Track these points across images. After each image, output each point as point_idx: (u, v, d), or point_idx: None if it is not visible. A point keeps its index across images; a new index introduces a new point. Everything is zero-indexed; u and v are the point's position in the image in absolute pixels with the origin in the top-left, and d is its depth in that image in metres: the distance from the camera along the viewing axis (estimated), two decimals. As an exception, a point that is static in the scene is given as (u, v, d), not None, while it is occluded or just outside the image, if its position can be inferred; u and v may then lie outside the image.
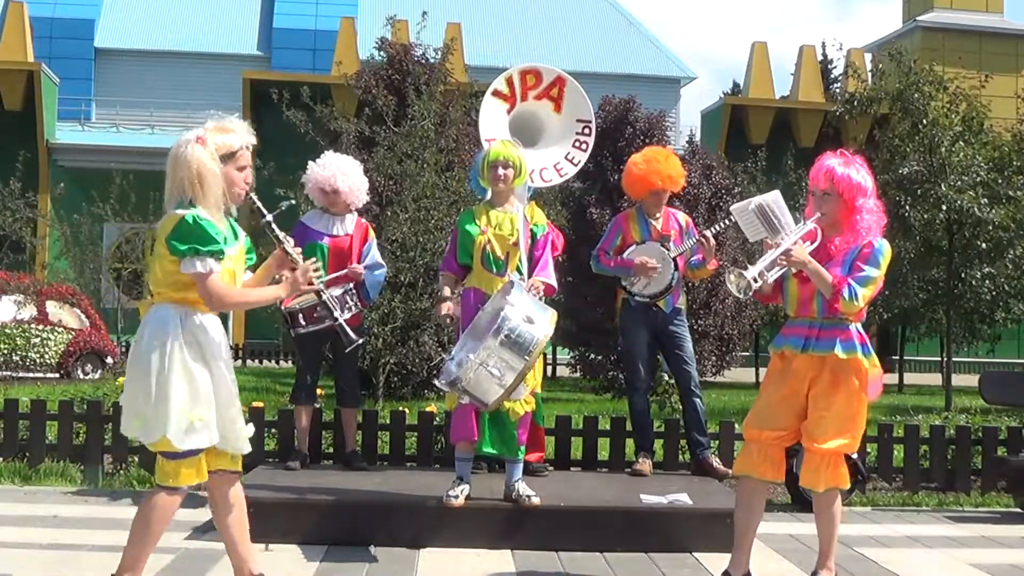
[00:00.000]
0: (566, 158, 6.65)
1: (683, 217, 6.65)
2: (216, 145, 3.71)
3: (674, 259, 6.39)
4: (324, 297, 3.87)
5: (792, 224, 4.20)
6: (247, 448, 3.84)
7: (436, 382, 4.72)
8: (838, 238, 4.21)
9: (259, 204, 3.92)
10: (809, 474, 4.21)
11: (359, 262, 6.30)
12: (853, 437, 4.20)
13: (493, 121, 6.47)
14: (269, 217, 3.87)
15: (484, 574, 4.71)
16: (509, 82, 6.55)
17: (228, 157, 3.74)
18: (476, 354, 4.35)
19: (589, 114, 6.73)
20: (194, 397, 3.62)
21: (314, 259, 4.06)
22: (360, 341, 3.82)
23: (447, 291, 5.41)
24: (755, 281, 4.04)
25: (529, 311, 4.45)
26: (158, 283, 3.71)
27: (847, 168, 4.19)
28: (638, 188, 6.47)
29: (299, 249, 3.99)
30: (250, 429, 3.84)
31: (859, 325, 4.24)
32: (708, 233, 6.31)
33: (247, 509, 3.88)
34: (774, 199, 4.30)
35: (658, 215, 6.51)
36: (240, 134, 3.80)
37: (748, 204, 4.27)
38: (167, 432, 3.58)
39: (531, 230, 5.33)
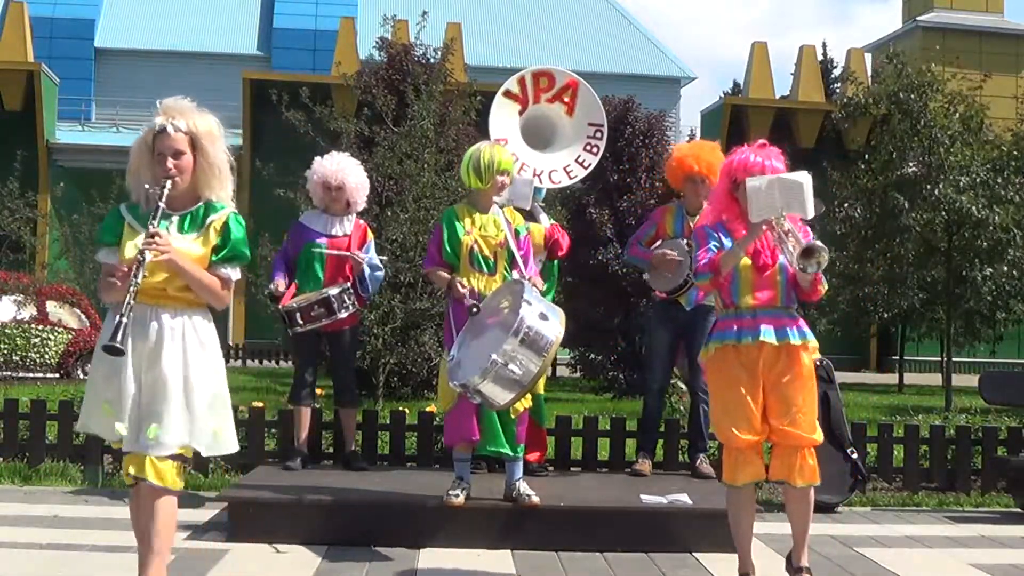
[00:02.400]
0: (576, 160, 6.65)
1: None
2: (146, 129, 3.61)
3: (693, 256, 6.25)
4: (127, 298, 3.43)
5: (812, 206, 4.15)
6: (148, 450, 3.49)
7: (451, 384, 4.68)
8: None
9: (163, 192, 3.54)
10: (807, 467, 4.17)
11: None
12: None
13: (504, 121, 6.49)
14: (160, 203, 3.52)
15: (484, 574, 4.71)
16: (521, 83, 6.55)
17: (153, 142, 3.59)
18: (497, 354, 4.33)
19: (601, 118, 6.72)
20: (90, 386, 3.61)
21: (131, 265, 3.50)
22: (118, 348, 3.39)
23: (444, 274, 5.27)
24: (819, 250, 4.00)
25: (542, 311, 4.46)
26: None
27: (779, 161, 4.22)
28: (676, 173, 6.31)
29: (153, 246, 3.46)
30: (118, 427, 3.51)
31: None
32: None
33: (247, 509, 3.85)
34: (808, 177, 4.16)
35: (695, 211, 6.28)
36: (167, 115, 3.58)
37: (777, 180, 4.09)
38: (86, 424, 3.67)
39: (515, 231, 5.33)
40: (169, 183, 3.54)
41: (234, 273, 3.70)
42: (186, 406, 3.54)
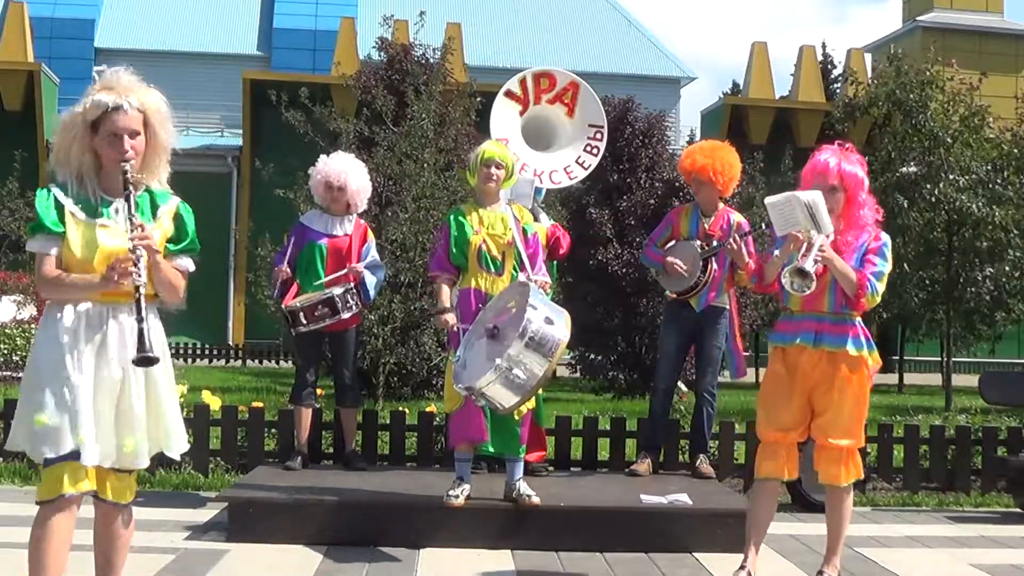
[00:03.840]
0: (576, 161, 6.70)
1: (736, 217, 6.41)
2: (88, 105, 3.25)
3: (704, 259, 6.25)
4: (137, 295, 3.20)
5: (829, 222, 4.18)
6: (132, 464, 3.32)
7: (456, 387, 4.68)
8: (847, 233, 4.26)
9: (128, 177, 3.29)
10: (830, 468, 4.25)
11: (358, 263, 6.31)
12: (862, 431, 4.32)
13: (505, 121, 6.54)
14: (129, 189, 3.28)
15: (484, 574, 4.71)
16: (523, 84, 6.60)
17: (100, 120, 3.25)
18: (502, 358, 4.33)
19: (602, 119, 6.77)
20: (42, 396, 3.15)
21: (135, 256, 3.25)
22: (152, 357, 3.18)
23: (445, 297, 5.29)
24: (813, 276, 4.04)
25: (548, 313, 4.46)
26: None
27: (851, 164, 4.28)
28: (683, 175, 6.54)
29: (146, 241, 3.24)
30: (137, 450, 3.29)
31: (861, 320, 4.29)
32: (731, 242, 6.15)
33: (247, 509, 3.83)
34: (820, 196, 4.21)
35: (710, 212, 6.36)
36: (119, 91, 3.27)
37: (792, 198, 4.19)
38: (15, 437, 3.22)
39: (523, 229, 5.33)
40: (128, 166, 3.28)
41: (190, 264, 3.48)
42: (156, 412, 3.34)
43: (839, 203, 4.26)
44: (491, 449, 5.25)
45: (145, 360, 3.15)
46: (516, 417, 5.11)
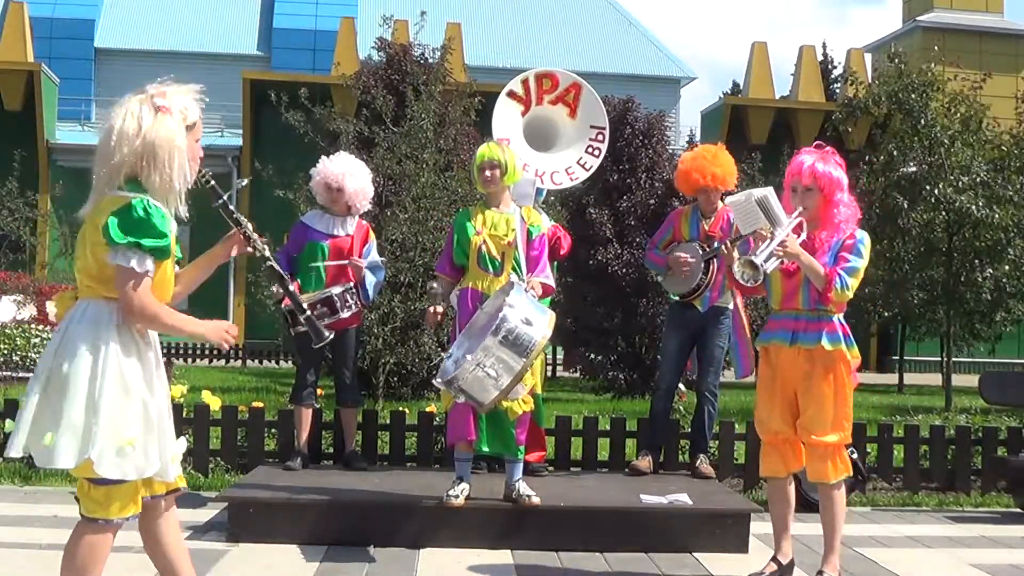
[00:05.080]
0: (578, 163, 6.71)
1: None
2: (185, 113, 3.17)
3: (706, 260, 6.26)
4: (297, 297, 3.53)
5: (785, 218, 4.31)
6: (172, 478, 3.23)
7: (434, 381, 4.72)
8: (821, 231, 4.35)
9: (214, 183, 3.30)
10: (817, 465, 4.31)
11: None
12: (848, 427, 4.39)
13: (507, 121, 6.55)
14: (224, 198, 3.33)
15: (484, 574, 4.71)
16: (525, 84, 6.61)
17: (189, 128, 3.18)
18: (474, 354, 4.35)
19: (604, 121, 6.78)
20: (129, 415, 3.02)
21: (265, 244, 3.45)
22: (330, 337, 3.90)
23: (438, 295, 5.37)
24: (764, 269, 4.13)
25: (528, 312, 4.45)
26: (91, 276, 3.14)
27: (827, 165, 4.35)
28: (683, 184, 6.45)
29: (265, 238, 3.48)
30: (179, 452, 3.24)
31: (841, 316, 4.36)
32: (727, 243, 6.18)
33: (247, 509, 3.84)
34: (772, 193, 4.38)
35: (710, 213, 6.39)
36: (195, 101, 3.24)
37: (749, 196, 4.35)
38: (91, 453, 2.96)
39: (528, 230, 5.33)
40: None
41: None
42: None
43: (814, 202, 4.33)
44: (484, 448, 5.26)
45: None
46: (511, 418, 5.12)
